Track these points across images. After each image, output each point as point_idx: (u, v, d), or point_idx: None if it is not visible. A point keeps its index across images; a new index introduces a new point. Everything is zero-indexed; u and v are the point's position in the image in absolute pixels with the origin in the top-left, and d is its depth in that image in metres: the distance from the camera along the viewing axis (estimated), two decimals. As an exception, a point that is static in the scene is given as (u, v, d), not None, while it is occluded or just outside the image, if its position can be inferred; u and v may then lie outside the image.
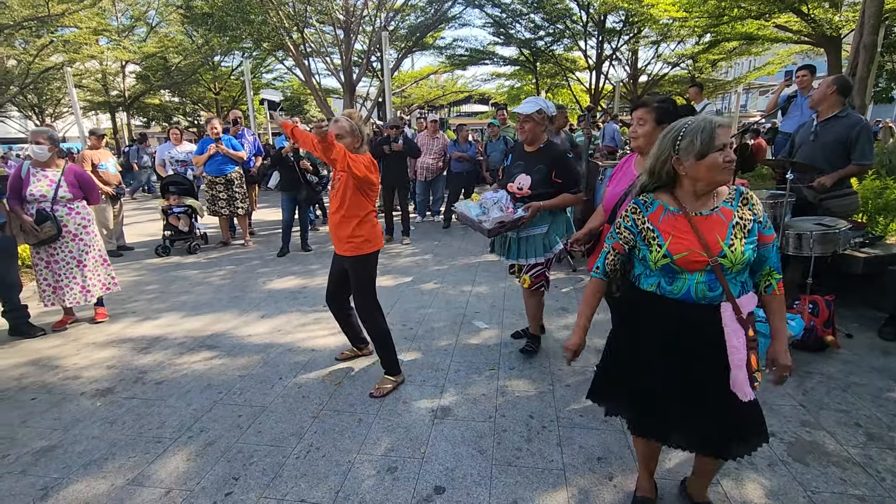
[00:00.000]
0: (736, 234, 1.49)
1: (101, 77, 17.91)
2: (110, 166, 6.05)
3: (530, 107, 2.81)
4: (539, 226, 2.94)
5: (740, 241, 1.49)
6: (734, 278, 1.52)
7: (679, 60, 14.14)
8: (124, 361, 3.32)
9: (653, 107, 2.29)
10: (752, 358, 1.50)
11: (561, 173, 2.86)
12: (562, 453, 2.28)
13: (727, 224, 1.51)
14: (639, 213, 1.64)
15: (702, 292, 1.53)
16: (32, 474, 2.21)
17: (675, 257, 1.53)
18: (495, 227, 2.78)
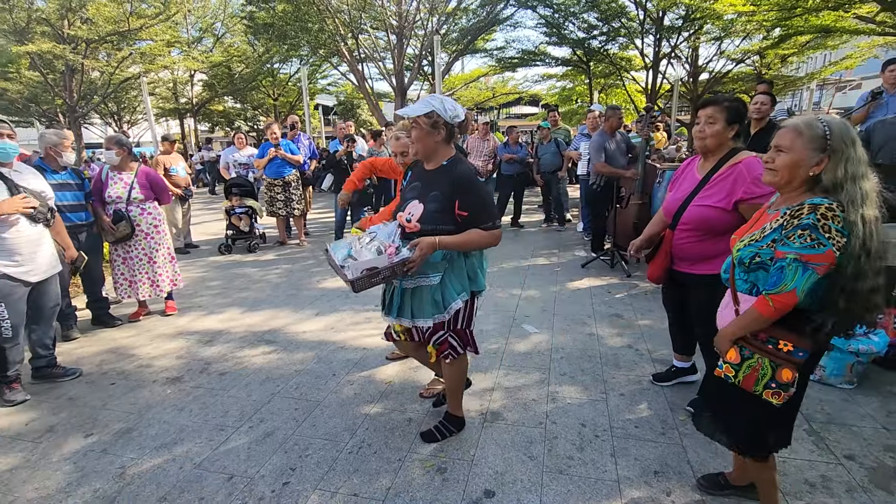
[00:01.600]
0: (754, 235, 1.57)
1: (172, 85, 19.20)
2: (180, 169, 6.47)
3: (419, 108, 2.01)
4: (429, 274, 2.08)
5: (749, 240, 1.57)
6: (742, 274, 1.60)
7: (744, 57, 13.33)
8: (191, 353, 3.53)
9: (724, 105, 2.18)
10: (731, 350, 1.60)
11: (466, 203, 2.01)
12: (616, 464, 2.21)
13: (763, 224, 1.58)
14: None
15: (722, 270, 1.72)
16: (112, 453, 2.39)
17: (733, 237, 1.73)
18: (360, 276, 1.94)
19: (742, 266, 1.58)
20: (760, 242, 1.52)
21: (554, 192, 7.43)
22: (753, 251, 1.53)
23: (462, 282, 2.15)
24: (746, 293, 1.59)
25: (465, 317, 2.22)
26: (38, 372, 3.13)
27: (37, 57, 12.59)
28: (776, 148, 1.53)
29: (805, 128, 1.46)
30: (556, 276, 5.08)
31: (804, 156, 1.46)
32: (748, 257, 1.54)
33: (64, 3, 12.52)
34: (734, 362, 1.58)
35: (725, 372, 1.60)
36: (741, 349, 1.57)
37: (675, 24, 12.51)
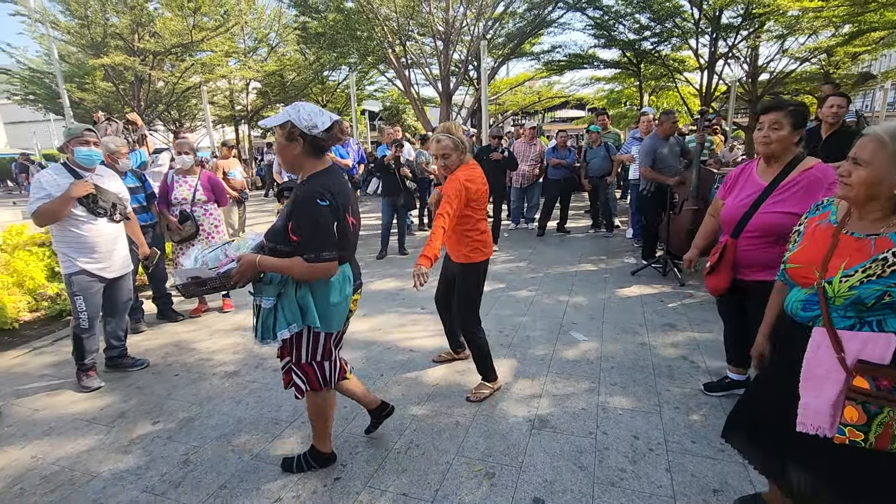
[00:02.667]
0: (868, 269, 1.28)
1: (229, 94, 20.18)
2: (237, 174, 6.78)
3: (275, 119, 1.89)
4: (266, 295, 1.96)
5: (863, 276, 1.28)
6: (843, 310, 1.33)
7: (810, 55, 12.57)
8: (247, 348, 3.68)
9: (789, 111, 2.11)
10: (848, 408, 1.30)
11: (297, 225, 1.84)
12: (671, 479, 2.13)
13: (870, 255, 1.30)
14: (807, 215, 1.59)
15: (795, 309, 1.46)
16: (176, 441, 2.53)
17: (787, 266, 1.48)
18: (186, 283, 2.02)
19: (858, 307, 1.30)
20: (890, 280, 1.25)
21: (602, 197, 7.26)
22: (880, 289, 1.26)
23: (293, 311, 1.94)
24: (849, 329, 1.34)
25: (308, 352, 2.04)
26: (110, 361, 3.36)
27: (110, 69, 13.57)
28: (854, 160, 1.33)
29: (890, 139, 1.27)
30: (605, 282, 4.96)
31: (886, 172, 1.27)
32: (872, 297, 1.27)
33: (135, 19, 13.45)
34: (858, 423, 1.29)
35: (851, 437, 1.30)
36: (864, 406, 1.28)
37: (734, 23, 11.96)
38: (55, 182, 2.84)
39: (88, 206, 2.91)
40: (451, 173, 2.67)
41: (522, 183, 7.36)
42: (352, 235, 2.03)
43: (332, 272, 1.91)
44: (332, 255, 1.86)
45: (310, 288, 1.95)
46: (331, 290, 1.97)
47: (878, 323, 1.31)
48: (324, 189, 1.84)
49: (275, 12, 19.30)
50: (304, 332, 2.01)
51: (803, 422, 1.39)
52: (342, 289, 2.00)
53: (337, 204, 1.88)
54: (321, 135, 1.88)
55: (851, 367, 1.30)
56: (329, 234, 1.85)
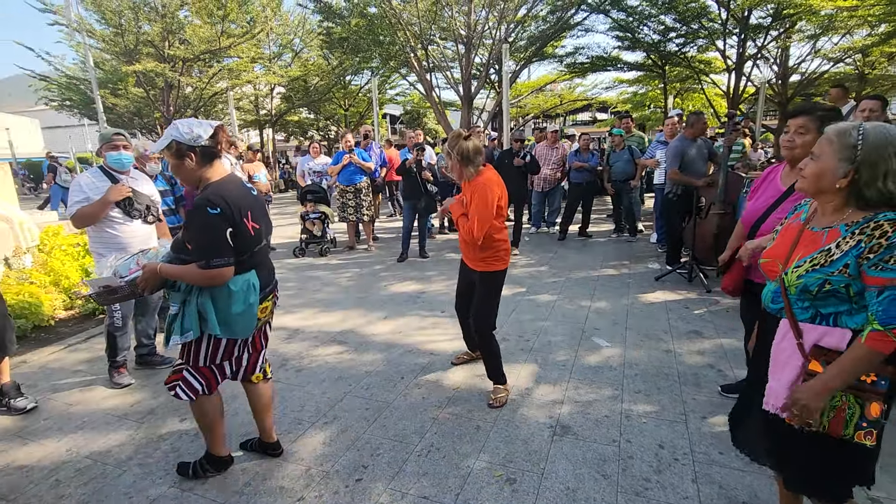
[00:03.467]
0: (815, 259, 1.36)
1: (254, 98, 20.61)
2: (262, 177, 6.92)
3: (160, 143, 1.97)
4: (172, 301, 2.05)
5: (809, 266, 1.36)
6: (801, 301, 1.40)
7: (844, 55, 12.17)
8: (271, 348, 3.72)
9: (817, 115, 2.08)
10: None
11: (188, 233, 1.95)
12: (698, 491, 2.08)
13: (820, 246, 1.38)
14: (787, 217, 1.65)
15: (767, 301, 1.53)
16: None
17: (761, 261, 1.58)
18: (99, 292, 2.11)
19: (805, 294, 1.37)
20: (829, 269, 1.32)
21: (625, 201, 7.17)
22: (821, 278, 1.33)
23: (192, 319, 1.99)
24: (808, 322, 1.40)
25: (207, 356, 2.09)
26: (140, 359, 3.46)
27: (142, 75, 14.01)
28: (811, 154, 1.41)
29: (835, 136, 1.34)
30: (628, 288, 4.88)
31: (831, 165, 1.33)
32: (815, 285, 1.34)
33: (166, 27, 13.86)
34: None
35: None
36: None
37: (763, 23, 11.67)
38: (93, 185, 2.95)
39: (125, 208, 3.01)
40: (465, 181, 2.74)
41: (544, 187, 7.31)
42: (254, 241, 2.03)
43: (224, 278, 1.92)
44: (223, 261, 1.89)
45: (211, 296, 1.98)
46: (233, 298, 1.99)
47: (833, 319, 1.36)
48: (215, 197, 1.89)
49: (299, 18, 19.67)
50: (205, 337, 2.05)
51: (766, 401, 1.49)
52: (246, 297, 2.01)
53: (231, 211, 1.91)
54: (208, 142, 1.95)
55: (808, 353, 1.38)
56: (218, 241, 1.88)
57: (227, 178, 2.03)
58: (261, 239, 2.10)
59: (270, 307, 2.24)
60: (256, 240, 2.05)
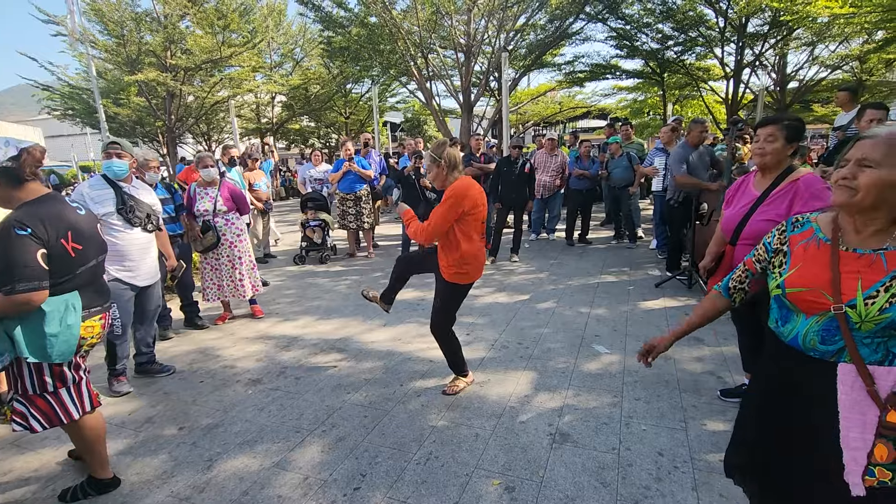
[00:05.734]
0: (890, 287, 1.15)
1: (255, 107, 20.74)
2: (262, 185, 6.94)
3: None
4: None
5: (890, 296, 1.14)
6: (870, 338, 1.18)
7: (841, 63, 12.25)
8: (269, 356, 3.74)
9: (783, 124, 2.26)
10: (878, 446, 1.17)
11: None
12: (698, 499, 2.07)
13: (885, 272, 1.17)
14: (784, 232, 1.42)
15: (811, 342, 1.26)
16: (200, 447, 2.58)
17: (787, 290, 1.30)
18: None
19: (888, 331, 1.16)
20: None
21: (625, 207, 7.18)
22: None
23: (3, 339, 1.89)
24: (878, 364, 1.19)
25: (34, 383, 1.96)
26: (139, 367, 3.45)
27: (144, 84, 14.12)
28: (860, 162, 1.19)
29: None
30: (628, 294, 4.88)
31: None
32: None
33: (168, 37, 13.99)
34: (887, 462, 1.17)
35: (880, 478, 1.17)
36: (895, 442, 1.17)
37: (760, 31, 11.75)
38: (94, 194, 2.97)
39: (125, 215, 3.02)
40: (444, 186, 2.79)
41: (543, 194, 7.32)
42: (77, 262, 1.97)
43: (34, 303, 1.82)
44: (30, 286, 1.79)
45: (18, 317, 1.87)
46: (45, 320, 1.88)
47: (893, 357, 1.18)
48: (26, 217, 1.82)
49: (300, 28, 19.85)
50: (24, 363, 1.94)
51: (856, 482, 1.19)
52: (63, 318, 1.92)
53: (45, 231, 1.84)
54: (11, 164, 1.87)
55: (885, 400, 1.16)
56: (25, 263, 1.78)
57: (45, 197, 1.94)
58: (85, 260, 2.02)
59: (99, 329, 2.14)
60: (79, 261, 1.98)
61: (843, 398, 1.21)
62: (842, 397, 1.21)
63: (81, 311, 2.02)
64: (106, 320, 2.22)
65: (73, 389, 2.07)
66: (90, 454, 2.19)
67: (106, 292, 2.22)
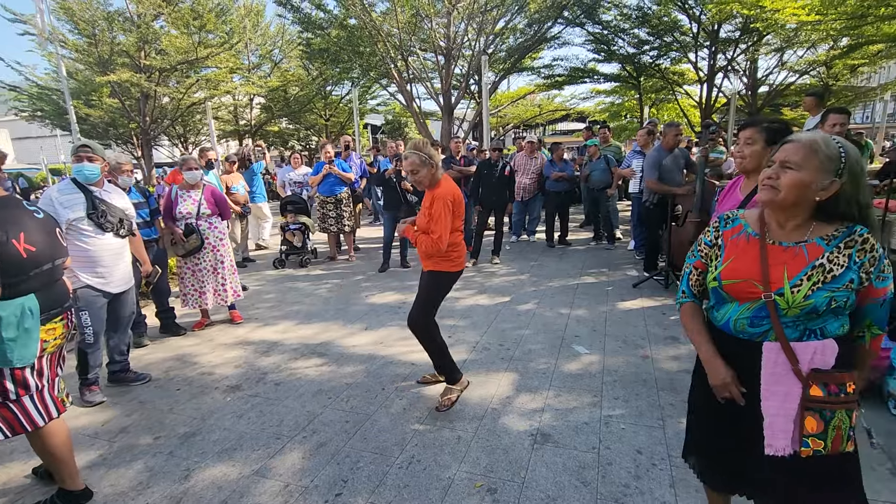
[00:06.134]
0: (811, 276, 1.28)
1: (233, 109, 20.43)
2: (240, 188, 6.83)
3: None
4: None
5: (812, 284, 1.28)
6: (793, 321, 1.32)
7: (808, 68, 12.69)
8: (249, 362, 3.68)
9: (763, 127, 2.25)
10: (808, 419, 1.29)
11: None
12: (675, 496, 2.11)
13: (807, 262, 1.30)
14: (717, 228, 1.52)
15: (741, 326, 1.39)
16: (177, 456, 2.52)
17: (723, 282, 1.42)
18: None
19: (811, 315, 1.30)
20: (834, 284, 1.27)
21: (603, 209, 7.29)
22: (829, 295, 1.27)
23: None
24: (798, 340, 1.33)
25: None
26: (113, 376, 3.36)
27: (116, 85, 13.77)
28: (783, 164, 1.30)
29: (823, 145, 1.27)
30: (607, 295, 4.95)
31: (816, 177, 1.27)
32: (823, 304, 1.27)
33: (142, 37, 13.67)
34: (818, 432, 1.30)
35: (814, 448, 1.30)
36: (821, 413, 1.29)
37: (732, 37, 12.09)
38: (63, 198, 2.88)
39: (96, 220, 2.94)
40: (427, 189, 2.80)
41: (524, 196, 7.39)
42: (29, 264, 1.94)
43: None
44: None
45: None
46: (2, 325, 1.87)
47: (820, 331, 1.32)
48: None
49: (279, 29, 19.64)
50: None
51: (772, 444, 1.34)
52: (19, 322, 1.90)
53: None
54: None
55: (807, 377, 1.29)
56: None
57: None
58: (40, 262, 1.99)
59: (61, 330, 2.13)
60: (32, 263, 1.96)
61: (765, 373, 1.35)
62: (765, 372, 1.35)
63: (40, 315, 1.99)
64: (68, 320, 2.18)
65: (37, 397, 2.05)
66: (58, 464, 2.14)
67: (64, 293, 2.18)
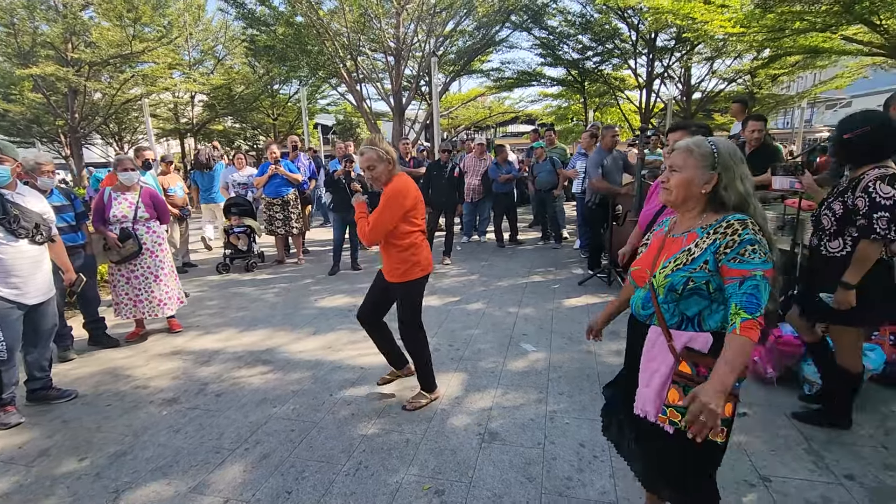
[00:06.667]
0: (677, 259, 1.47)
1: (173, 106, 19.40)
2: (178, 189, 6.50)
3: None
4: None
5: (674, 265, 1.46)
6: (666, 304, 1.48)
7: (735, 76, 13.60)
8: (188, 373, 3.51)
9: (691, 131, 2.42)
10: (672, 391, 1.43)
11: None
12: (615, 485, 2.20)
13: (681, 248, 1.49)
14: (653, 229, 1.75)
15: (637, 308, 1.60)
16: (106, 477, 2.36)
17: (631, 269, 1.66)
18: None
19: (672, 294, 1.45)
20: (692, 266, 1.42)
21: (550, 210, 7.48)
22: (686, 276, 1.42)
23: None
24: (676, 328, 1.46)
25: None
26: (33, 394, 3.10)
27: (40, 79, 12.75)
28: (671, 168, 1.53)
29: (694, 147, 1.48)
30: (554, 293, 5.09)
31: (696, 174, 1.47)
32: (680, 284, 1.43)
33: (68, 28, 12.74)
34: (678, 404, 1.40)
35: (671, 418, 1.41)
36: (685, 388, 1.39)
37: (668, 45, 12.76)
38: None
39: (7, 226, 2.71)
40: (382, 185, 2.75)
41: (473, 197, 7.47)
42: None
43: None
44: None
45: None
46: None
47: (697, 323, 1.45)
48: None
49: (221, 24, 18.84)
50: None
51: (637, 406, 1.57)
52: None
53: None
54: None
55: (679, 353, 1.44)
56: None
57: None
58: None
59: None
60: None
61: (645, 349, 1.54)
62: (645, 348, 1.54)
63: None
64: None
65: None
66: None
67: None
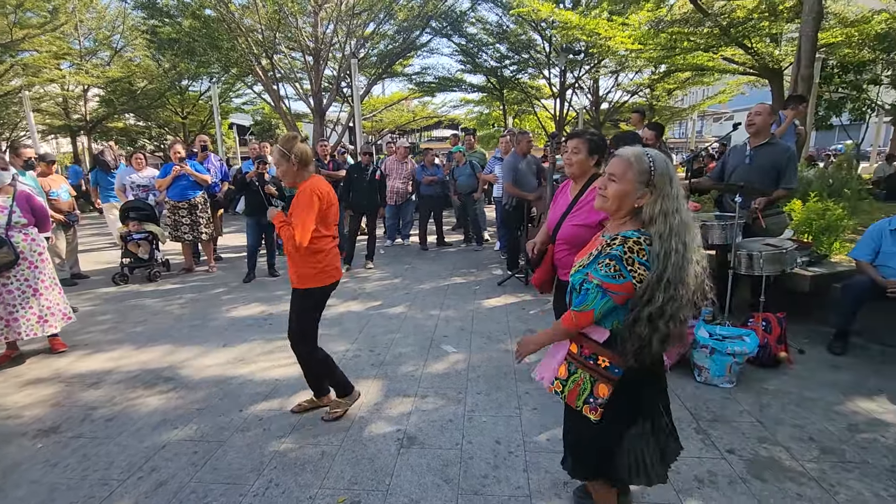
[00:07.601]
0: (582, 261, 1.61)
1: (62, 101, 17.40)
2: (62, 193, 5.81)
3: None
4: None
5: (578, 266, 1.61)
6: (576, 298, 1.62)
7: (637, 89, 14.84)
8: (71, 398, 3.13)
9: (586, 138, 2.51)
10: (562, 367, 1.65)
11: None
12: (528, 479, 2.26)
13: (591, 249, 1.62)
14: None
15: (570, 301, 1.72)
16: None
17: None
18: None
19: (575, 291, 1.60)
20: (587, 269, 1.55)
21: (471, 212, 7.64)
22: (582, 276, 1.55)
23: None
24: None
25: None
26: None
27: None
28: (609, 175, 1.54)
29: (636, 161, 1.49)
30: (475, 294, 5.19)
31: (632, 188, 1.50)
32: (578, 282, 1.57)
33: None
34: (563, 377, 1.63)
35: (556, 388, 1.65)
36: (569, 365, 1.62)
37: (577, 58, 13.58)
38: None
39: None
40: (295, 184, 2.65)
41: (396, 200, 7.43)
42: None
43: None
44: None
45: None
46: None
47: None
48: None
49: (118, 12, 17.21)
50: None
51: (538, 372, 1.78)
52: None
53: None
54: None
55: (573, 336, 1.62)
56: None
57: None
58: None
59: None
60: None
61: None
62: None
63: None
64: None
65: None
66: None
67: None
